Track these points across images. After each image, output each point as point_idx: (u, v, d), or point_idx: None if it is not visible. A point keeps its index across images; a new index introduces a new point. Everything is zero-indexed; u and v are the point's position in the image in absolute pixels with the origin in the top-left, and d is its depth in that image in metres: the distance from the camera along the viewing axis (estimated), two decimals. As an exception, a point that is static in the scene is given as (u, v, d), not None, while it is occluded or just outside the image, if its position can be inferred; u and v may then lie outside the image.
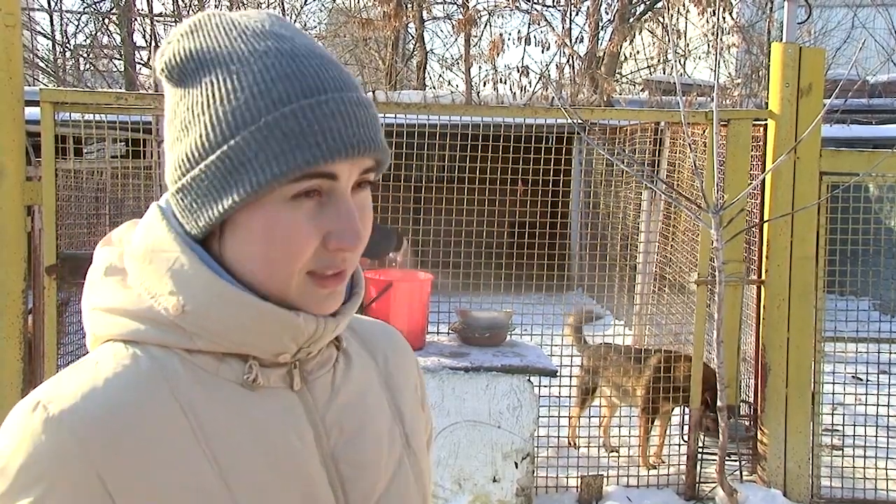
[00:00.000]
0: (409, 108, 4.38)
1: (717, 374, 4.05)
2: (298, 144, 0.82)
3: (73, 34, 16.36)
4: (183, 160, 0.87)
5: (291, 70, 0.84)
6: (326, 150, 0.83)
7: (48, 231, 3.92)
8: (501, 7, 12.99)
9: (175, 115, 0.88)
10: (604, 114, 5.81)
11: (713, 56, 11.03)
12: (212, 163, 0.84)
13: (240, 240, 0.87)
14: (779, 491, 4.27)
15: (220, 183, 0.84)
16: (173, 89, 0.89)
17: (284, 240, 0.85)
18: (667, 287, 5.31)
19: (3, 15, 3.77)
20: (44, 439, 0.80)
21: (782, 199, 4.35)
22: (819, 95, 4.35)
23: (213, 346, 0.88)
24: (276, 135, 0.82)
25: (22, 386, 3.94)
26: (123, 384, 0.85)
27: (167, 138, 0.90)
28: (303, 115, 0.83)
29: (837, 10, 14.62)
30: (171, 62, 0.88)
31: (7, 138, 3.83)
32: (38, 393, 0.85)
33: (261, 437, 0.89)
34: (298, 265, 0.87)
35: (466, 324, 4.15)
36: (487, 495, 3.84)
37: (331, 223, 0.86)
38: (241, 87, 0.84)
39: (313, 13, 21.57)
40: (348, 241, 0.86)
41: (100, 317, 0.90)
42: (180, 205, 0.89)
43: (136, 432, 0.83)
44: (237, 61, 0.85)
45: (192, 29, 0.89)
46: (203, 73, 0.86)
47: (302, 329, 0.89)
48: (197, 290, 0.87)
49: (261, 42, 0.86)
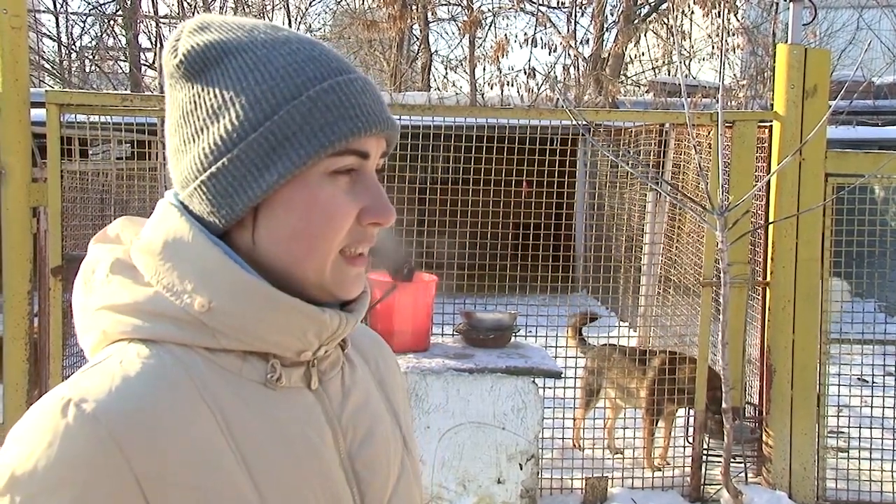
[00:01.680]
0: (413, 110, 4.38)
1: (722, 376, 4.04)
2: (342, 116, 0.85)
3: (78, 36, 16.42)
4: (216, 144, 0.86)
5: (317, 53, 0.88)
6: (366, 122, 0.86)
7: (53, 232, 3.93)
8: (506, 8, 13.00)
9: (197, 106, 0.87)
10: (609, 115, 5.82)
11: (718, 57, 11.02)
12: (253, 140, 0.85)
13: (279, 220, 0.87)
14: (784, 493, 4.26)
15: (262, 159, 0.85)
16: (190, 82, 0.88)
17: (327, 213, 0.87)
18: (671, 289, 5.31)
19: (9, 17, 3.78)
20: (78, 439, 0.77)
21: (787, 200, 4.34)
22: (824, 97, 4.34)
23: (238, 343, 0.87)
24: (319, 107, 0.85)
25: (27, 387, 3.94)
26: (154, 383, 0.83)
27: (180, 135, 0.89)
28: (340, 91, 0.86)
29: (843, 11, 14.58)
30: (192, 53, 0.87)
31: (13, 140, 3.84)
32: (64, 391, 0.81)
33: (285, 437, 0.88)
34: (337, 241, 0.88)
35: (471, 325, 4.15)
36: (492, 497, 3.84)
37: (365, 199, 0.89)
38: (274, 67, 0.85)
39: (318, 15, 21.60)
40: (383, 213, 0.89)
41: (109, 316, 0.87)
42: (210, 192, 0.87)
43: (171, 432, 0.81)
44: (262, 47, 0.87)
45: (201, 26, 0.89)
46: (229, 59, 0.86)
47: (327, 324, 0.90)
48: (224, 286, 0.85)
49: (276, 33, 0.89)
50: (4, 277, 3.88)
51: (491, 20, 13.39)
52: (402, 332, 3.91)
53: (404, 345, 3.90)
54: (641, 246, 5.98)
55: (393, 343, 3.92)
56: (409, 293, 3.92)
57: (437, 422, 3.76)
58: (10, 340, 3.92)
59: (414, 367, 3.76)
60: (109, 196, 4.79)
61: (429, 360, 3.83)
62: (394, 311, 3.90)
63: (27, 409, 0.84)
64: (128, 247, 0.92)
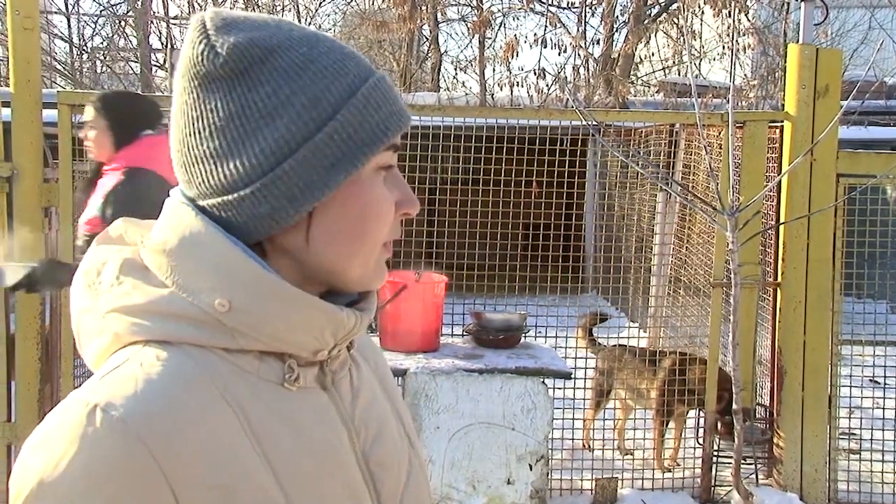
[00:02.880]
0: (423, 110, 4.38)
1: (733, 377, 4.03)
2: (390, 112, 0.88)
3: (90, 37, 16.48)
4: (277, 146, 0.83)
5: (347, 51, 0.89)
6: (404, 117, 0.89)
7: (65, 233, 3.95)
8: (516, 9, 12.99)
9: (244, 107, 0.84)
10: (619, 116, 5.81)
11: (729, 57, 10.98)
12: (319, 140, 0.84)
13: (335, 217, 0.87)
14: (795, 495, 4.24)
15: (329, 159, 0.85)
16: (233, 81, 0.84)
17: (378, 210, 0.89)
18: (682, 289, 5.29)
19: (21, 18, 3.80)
20: (107, 443, 0.76)
21: (798, 201, 4.33)
22: (836, 97, 4.32)
23: (257, 343, 0.86)
24: (372, 104, 0.86)
25: (39, 386, 3.96)
26: (178, 385, 0.82)
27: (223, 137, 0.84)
28: (381, 87, 0.88)
29: (855, 10, 14.51)
30: (236, 52, 0.83)
31: (25, 140, 3.86)
32: (87, 396, 0.80)
33: (306, 437, 0.88)
34: (383, 235, 0.91)
35: (481, 325, 4.14)
36: (501, 497, 3.83)
37: (398, 192, 0.92)
38: (323, 65, 0.85)
39: (328, 15, 21.63)
40: (414, 205, 0.93)
41: (122, 318, 0.85)
42: (270, 196, 0.84)
43: (198, 433, 0.80)
44: (300, 44, 0.86)
45: (227, 23, 0.86)
46: (274, 58, 0.84)
47: (344, 322, 0.89)
48: (245, 286, 0.84)
49: (300, 29, 0.88)
50: (16, 277, 3.90)
51: (501, 20, 13.38)
52: (412, 333, 3.91)
53: (414, 345, 3.90)
54: (651, 246, 5.97)
55: (402, 343, 3.94)
56: (418, 293, 3.93)
57: (446, 422, 3.76)
58: (22, 339, 3.94)
59: (423, 367, 3.76)
60: (120, 196, 4.80)
61: (438, 361, 3.83)
62: (403, 312, 3.91)
63: (39, 408, 0.84)
64: (137, 247, 0.90)
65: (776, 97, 10.81)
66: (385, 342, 3.94)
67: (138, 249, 0.90)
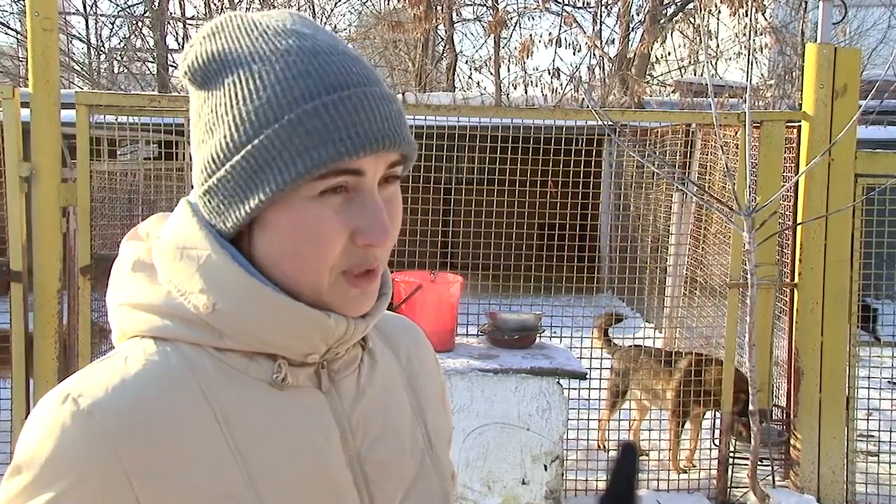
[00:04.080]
0: (438, 110, 4.38)
1: (749, 378, 4.01)
2: (322, 141, 0.82)
3: (107, 38, 16.62)
4: (208, 162, 0.87)
5: (313, 67, 0.84)
6: (351, 145, 0.82)
7: (83, 232, 3.98)
8: (531, 9, 12.97)
9: (199, 118, 0.88)
10: (634, 115, 5.79)
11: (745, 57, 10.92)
12: (237, 163, 0.84)
13: (269, 239, 0.87)
14: (812, 497, 4.21)
15: (245, 183, 0.84)
16: (197, 92, 0.89)
17: (312, 236, 0.85)
18: (698, 290, 5.27)
19: (40, 20, 3.83)
20: (73, 433, 0.80)
21: (816, 201, 4.30)
22: (854, 96, 4.29)
23: (243, 344, 0.87)
24: (299, 132, 0.82)
25: (57, 384, 3.99)
26: (154, 381, 0.84)
27: (193, 141, 0.91)
28: (325, 112, 0.82)
29: (874, 9, 14.40)
30: (194, 65, 0.88)
31: (44, 140, 3.89)
32: (68, 385, 0.84)
33: (288, 437, 0.88)
34: (328, 263, 0.86)
35: (496, 326, 4.14)
36: (516, 497, 3.83)
37: (358, 219, 0.86)
38: (262, 86, 0.83)
39: (343, 16, 21.69)
40: (376, 236, 0.86)
41: (127, 313, 0.90)
42: (208, 206, 0.88)
43: (166, 431, 0.82)
44: (259, 61, 0.85)
45: (214, 31, 0.89)
46: (225, 73, 0.86)
47: (332, 330, 0.89)
48: (228, 289, 0.86)
49: (282, 41, 0.86)
50: (35, 276, 3.94)
51: (516, 20, 13.37)
52: (427, 332, 3.86)
53: (429, 345, 3.90)
54: (667, 247, 5.94)
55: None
56: (433, 293, 3.93)
57: (461, 422, 3.76)
58: (40, 338, 3.97)
59: (438, 367, 3.76)
60: (137, 196, 4.84)
61: (453, 361, 3.83)
62: (418, 311, 3.91)
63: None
64: (149, 245, 0.93)
65: (793, 97, 10.74)
66: (400, 342, 3.94)
67: (151, 247, 0.93)
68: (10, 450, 4.00)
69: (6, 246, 3.92)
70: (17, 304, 3.91)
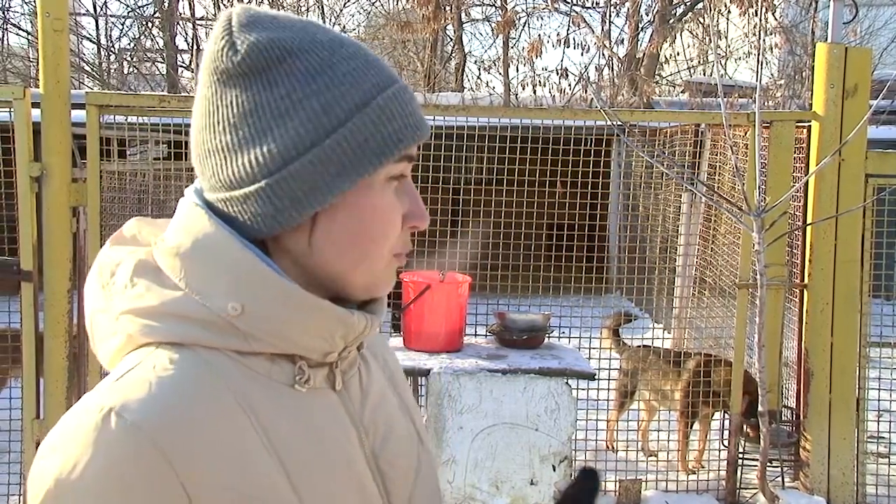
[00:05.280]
0: (447, 111, 4.38)
1: (759, 379, 4.00)
2: (405, 124, 0.87)
3: (117, 38, 16.67)
4: (285, 148, 0.84)
5: (371, 57, 0.88)
6: (421, 128, 0.89)
7: (93, 232, 3.99)
8: (540, 9, 12.95)
9: (258, 107, 0.84)
10: (643, 115, 5.78)
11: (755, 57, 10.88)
12: (327, 146, 0.84)
13: (340, 223, 0.87)
14: (822, 498, 4.19)
15: (336, 165, 0.85)
16: (249, 80, 0.85)
17: (385, 219, 0.89)
18: (707, 290, 5.25)
19: (51, 20, 3.85)
20: (123, 448, 0.77)
21: (826, 201, 4.28)
22: (865, 96, 4.27)
23: (269, 346, 0.87)
24: (387, 115, 0.86)
25: (67, 384, 4.01)
26: (190, 387, 0.82)
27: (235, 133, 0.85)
28: (400, 98, 0.87)
29: (885, 8, 14.33)
30: (255, 50, 0.84)
31: (54, 140, 3.90)
32: (102, 401, 0.80)
33: (317, 438, 0.88)
34: (389, 244, 0.90)
35: (504, 326, 4.14)
36: (525, 498, 3.83)
37: (408, 204, 0.91)
38: (341, 71, 0.85)
39: (352, 16, 21.69)
40: (423, 219, 0.92)
41: (135, 320, 0.86)
42: (275, 196, 0.84)
43: (211, 437, 0.81)
44: (322, 49, 0.86)
45: (252, 20, 0.86)
46: (292, 60, 0.85)
47: (355, 326, 0.90)
48: (257, 290, 0.85)
49: (326, 33, 0.88)
50: (45, 276, 3.96)
51: (525, 20, 13.35)
52: (435, 333, 3.91)
53: (437, 345, 3.91)
54: (676, 247, 5.93)
55: (426, 343, 3.94)
56: (442, 293, 3.93)
57: (469, 422, 3.76)
58: (50, 338, 3.99)
59: (447, 367, 3.77)
60: (147, 196, 4.85)
61: (462, 361, 3.83)
62: (427, 312, 3.91)
63: (67, 405, 0.85)
64: (150, 248, 0.90)
65: (803, 97, 10.70)
66: (409, 342, 3.95)
67: (152, 250, 0.90)
68: (21, 448, 4.02)
69: (17, 246, 3.93)
70: (28, 303, 3.93)
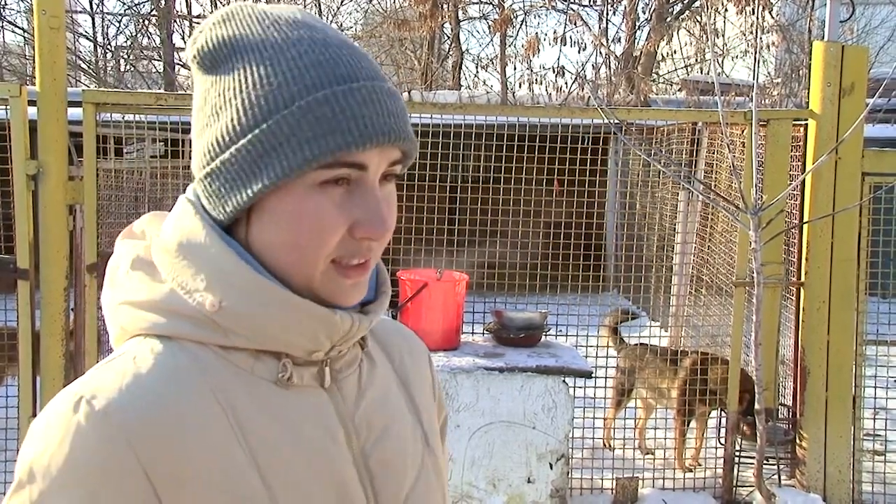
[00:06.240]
0: (444, 109, 4.38)
1: (755, 377, 4.00)
2: (331, 130, 0.82)
3: (114, 36, 16.63)
4: (213, 144, 0.86)
5: (325, 57, 0.85)
6: (358, 136, 0.83)
7: (89, 230, 3.99)
8: (537, 7, 12.95)
9: (205, 102, 0.88)
10: (640, 114, 5.77)
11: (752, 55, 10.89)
12: (242, 146, 0.84)
13: (267, 226, 0.87)
14: (818, 496, 4.20)
15: (250, 166, 0.84)
16: (204, 76, 0.89)
17: (312, 226, 0.85)
18: (703, 288, 5.26)
19: (47, 18, 3.84)
20: (90, 436, 0.79)
21: (823, 200, 4.29)
22: (862, 95, 4.27)
23: (249, 342, 0.87)
24: (309, 119, 0.82)
25: (64, 382, 4.00)
26: (165, 379, 0.84)
27: (195, 126, 0.90)
28: (335, 101, 0.83)
29: (881, 7, 14.34)
30: (204, 48, 0.88)
31: (51, 139, 3.90)
32: (78, 388, 0.83)
33: (296, 436, 0.88)
34: (325, 252, 0.86)
35: (501, 324, 4.14)
36: (522, 496, 3.83)
37: (358, 211, 0.86)
38: (274, 72, 0.84)
39: (349, 13, 21.68)
40: (375, 228, 0.86)
41: (128, 311, 0.89)
42: (208, 190, 0.88)
43: (181, 429, 0.82)
44: (270, 48, 0.85)
45: (224, 18, 0.90)
46: (236, 58, 0.86)
47: (338, 326, 0.89)
48: (235, 287, 0.86)
49: (294, 31, 0.87)
50: (42, 274, 3.95)
51: (522, 18, 13.35)
52: (433, 331, 3.91)
53: (434, 343, 3.91)
54: (673, 245, 5.93)
55: (423, 341, 3.94)
56: (439, 291, 3.93)
57: (466, 420, 3.76)
58: (47, 336, 3.99)
59: (444, 365, 3.77)
60: (143, 194, 4.84)
61: (459, 359, 3.84)
62: (424, 310, 3.91)
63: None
64: (148, 243, 0.93)
65: (800, 95, 10.71)
66: (406, 340, 3.95)
67: (150, 245, 0.92)
68: (18, 447, 4.02)
69: (13, 244, 3.93)
70: (25, 301, 3.92)
